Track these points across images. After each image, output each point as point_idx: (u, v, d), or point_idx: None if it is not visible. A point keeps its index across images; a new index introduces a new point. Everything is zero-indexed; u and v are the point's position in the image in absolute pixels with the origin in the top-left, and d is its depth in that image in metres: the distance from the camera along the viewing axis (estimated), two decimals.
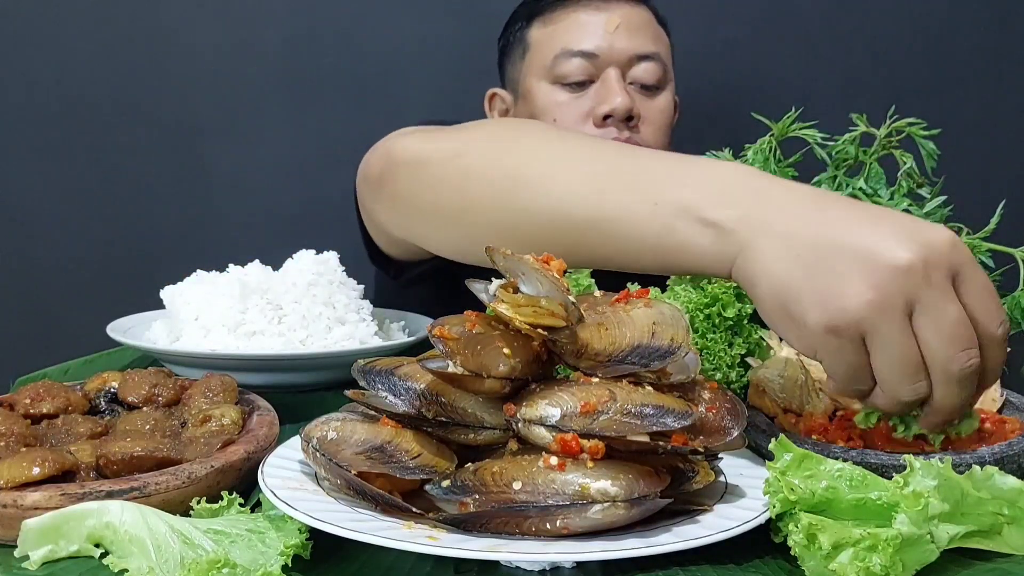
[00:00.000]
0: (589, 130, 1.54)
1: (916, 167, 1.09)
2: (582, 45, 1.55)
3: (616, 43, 1.54)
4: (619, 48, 1.54)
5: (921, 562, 0.67)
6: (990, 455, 0.77)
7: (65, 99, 2.02)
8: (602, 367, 0.75)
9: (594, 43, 1.54)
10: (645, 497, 0.68)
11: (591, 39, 1.55)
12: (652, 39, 1.58)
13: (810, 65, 2.01)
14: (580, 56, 1.54)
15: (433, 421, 0.75)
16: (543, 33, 1.60)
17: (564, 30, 1.57)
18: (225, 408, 0.89)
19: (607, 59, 1.54)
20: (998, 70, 2.01)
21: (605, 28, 1.55)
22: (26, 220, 2.05)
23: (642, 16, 1.59)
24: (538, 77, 1.59)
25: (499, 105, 1.72)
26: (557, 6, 1.60)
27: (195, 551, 0.68)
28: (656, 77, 1.57)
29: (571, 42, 1.55)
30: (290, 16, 2.02)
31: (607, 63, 1.54)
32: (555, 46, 1.57)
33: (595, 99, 1.54)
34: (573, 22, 1.57)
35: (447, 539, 0.67)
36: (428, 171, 1.08)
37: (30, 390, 0.90)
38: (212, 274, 1.27)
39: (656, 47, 1.58)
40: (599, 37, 1.55)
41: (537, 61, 1.60)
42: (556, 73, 1.56)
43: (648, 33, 1.58)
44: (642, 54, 1.56)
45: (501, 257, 0.79)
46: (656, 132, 1.58)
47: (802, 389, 0.91)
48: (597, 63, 1.55)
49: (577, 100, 1.55)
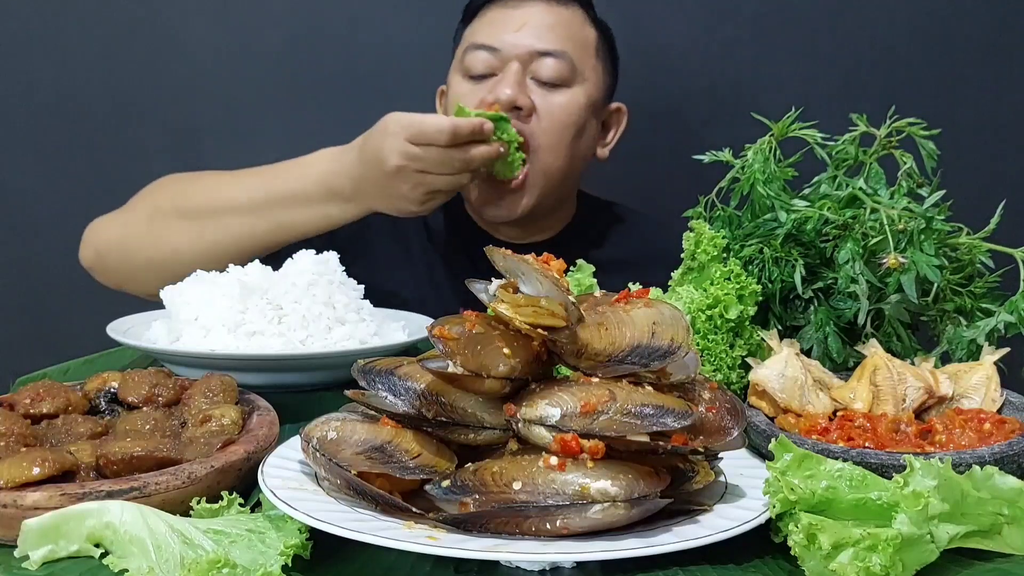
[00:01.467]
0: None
1: (916, 167, 1.10)
2: (488, 40, 1.60)
3: (519, 40, 1.59)
4: (520, 43, 1.58)
5: (921, 562, 0.67)
6: (990, 455, 0.77)
7: (65, 99, 2.02)
8: (602, 367, 0.75)
9: (497, 38, 1.59)
10: (645, 497, 0.68)
11: (496, 35, 1.60)
12: (561, 38, 1.60)
13: (810, 65, 2.00)
14: (483, 49, 1.60)
15: (433, 421, 0.75)
16: (468, 31, 1.67)
17: (480, 27, 1.63)
18: (225, 408, 0.89)
19: (508, 54, 1.58)
20: (998, 70, 2.01)
21: (512, 26, 1.60)
22: (26, 220, 2.05)
23: (558, 16, 1.62)
24: (454, 70, 1.65)
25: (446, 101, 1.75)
26: (485, 6, 1.65)
27: (195, 551, 0.68)
28: (558, 74, 1.59)
29: (481, 37, 1.61)
30: (290, 16, 2.01)
31: (509, 58, 1.58)
32: (467, 41, 1.64)
33: (489, 88, 1.58)
34: (489, 20, 1.63)
35: (447, 539, 0.67)
36: (129, 245, 1.57)
37: (30, 390, 0.90)
38: (212, 274, 1.26)
39: (564, 45, 1.60)
40: (505, 33, 1.60)
41: (457, 56, 1.66)
42: (465, 65, 1.62)
43: (558, 32, 1.61)
44: (544, 50, 1.58)
45: (501, 257, 0.79)
46: (552, 125, 1.58)
47: (802, 389, 0.91)
48: (500, 56, 1.59)
49: (475, 89, 1.60)
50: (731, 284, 1.02)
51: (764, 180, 1.11)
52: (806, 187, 1.15)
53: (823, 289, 1.07)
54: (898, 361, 0.94)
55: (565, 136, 1.60)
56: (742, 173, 1.13)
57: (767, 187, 1.10)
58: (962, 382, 0.94)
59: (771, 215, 1.10)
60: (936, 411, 0.92)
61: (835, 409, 0.92)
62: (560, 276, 0.77)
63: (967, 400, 0.92)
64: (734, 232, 1.12)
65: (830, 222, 1.08)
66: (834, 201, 1.09)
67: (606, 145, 1.74)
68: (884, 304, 1.04)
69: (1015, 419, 0.86)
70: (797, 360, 0.94)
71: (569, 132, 1.60)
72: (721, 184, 1.16)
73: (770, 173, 1.11)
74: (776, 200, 1.09)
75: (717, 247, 1.05)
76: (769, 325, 1.07)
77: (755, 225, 1.11)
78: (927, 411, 0.93)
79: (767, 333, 1.01)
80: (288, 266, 1.26)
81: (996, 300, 1.04)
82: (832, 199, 1.09)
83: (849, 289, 1.02)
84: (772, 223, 1.09)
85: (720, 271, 1.03)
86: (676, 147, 1.97)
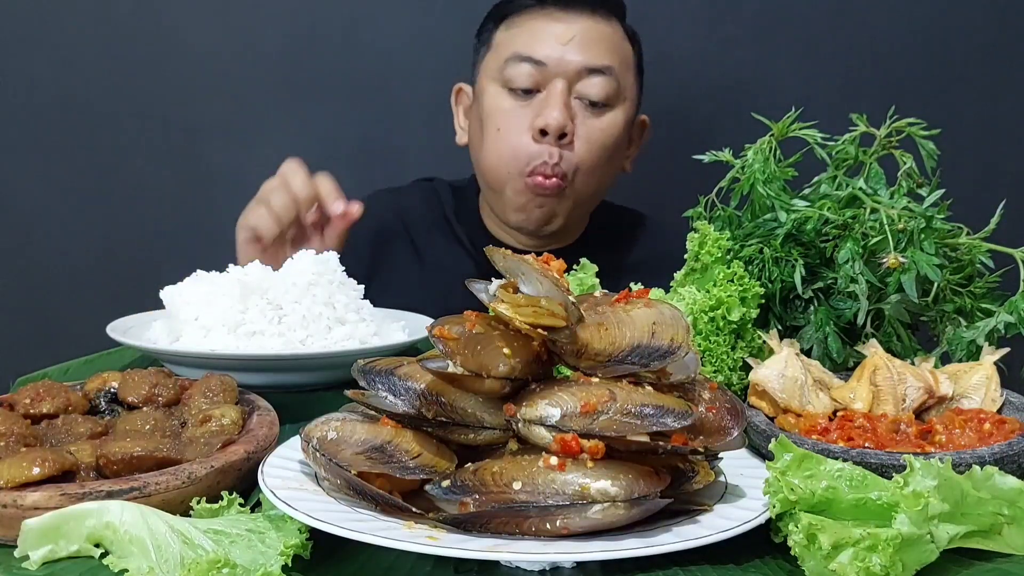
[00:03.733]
0: (527, 142, 1.55)
1: (916, 167, 1.10)
2: (532, 52, 1.55)
3: (567, 54, 1.54)
4: (569, 59, 1.54)
5: (921, 562, 0.67)
6: (990, 455, 0.77)
7: (65, 99, 2.02)
8: (602, 367, 0.75)
9: (544, 51, 1.55)
10: (645, 497, 0.68)
11: (543, 47, 1.55)
12: (608, 52, 1.57)
13: (810, 65, 2.00)
14: (529, 62, 1.55)
15: (433, 421, 0.75)
16: (505, 36, 1.62)
17: (521, 35, 1.58)
18: (225, 408, 0.89)
19: (555, 69, 1.55)
20: (998, 70, 2.01)
21: (559, 39, 1.55)
22: (26, 220, 2.05)
23: (602, 30, 1.59)
24: (490, 78, 1.61)
25: (464, 101, 1.74)
26: (523, 11, 1.60)
27: (195, 551, 0.68)
28: (605, 92, 1.56)
29: (523, 47, 1.57)
30: (290, 16, 2.01)
31: (555, 74, 1.55)
32: (510, 49, 1.58)
33: (536, 110, 1.55)
34: (531, 28, 1.58)
35: (447, 539, 0.67)
36: None
37: (30, 390, 0.90)
38: (212, 274, 1.26)
39: (610, 61, 1.57)
40: (551, 46, 1.55)
41: (492, 62, 1.62)
42: (505, 76, 1.57)
43: (604, 47, 1.57)
44: (592, 67, 1.55)
45: (501, 257, 0.79)
46: (591, 150, 1.57)
47: (802, 389, 0.91)
48: (545, 72, 1.55)
49: (521, 109, 1.56)
50: (734, 286, 1.02)
51: (764, 180, 1.11)
52: (806, 187, 1.15)
53: (823, 289, 1.07)
54: (898, 361, 0.94)
55: (602, 159, 1.59)
56: (742, 173, 1.13)
57: (767, 187, 1.10)
58: (962, 382, 0.94)
59: (771, 215, 1.10)
60: (936, 411, 0.92)
61: (835, 409, 0.92)
62: (560, 276, 0.77)
63: (967, 400, 0.92)
64: (734, 232, 1.12)
65: (830, 222, 1.08)
66: (834, 201, 1.09)
67: (628, 157, 1.72)
68: (884, 304, 1.04)
69: (1015, 419, 0.86)
70: (797, 360, 0.94)
71: (606, 154, 1.60)
72: (721, 184, 1.16)
73: (770, 173, 1.11)
74: (776, 200, 1.09)
75: (721, 249, 1.05)
76: (769, 325, 1.07)
77: (755, 225, 1.11)
78: (927, 411, 0.93)
79: (767, 333, 1.01)
80: (288, 266, 1.26)
81: (996, 300, 1.04)
82: (832, 199, 1.09)
83: (849, 289, 1.02)
84: (772, 223, 1.09)
85: (724, 273, 1.03)
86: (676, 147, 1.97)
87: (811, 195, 1.12)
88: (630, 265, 1.63)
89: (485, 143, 1.61)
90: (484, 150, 1.61)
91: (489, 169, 1.61)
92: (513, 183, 1.58)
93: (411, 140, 2.00)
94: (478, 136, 1.64)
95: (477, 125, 1.64)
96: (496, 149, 1.59)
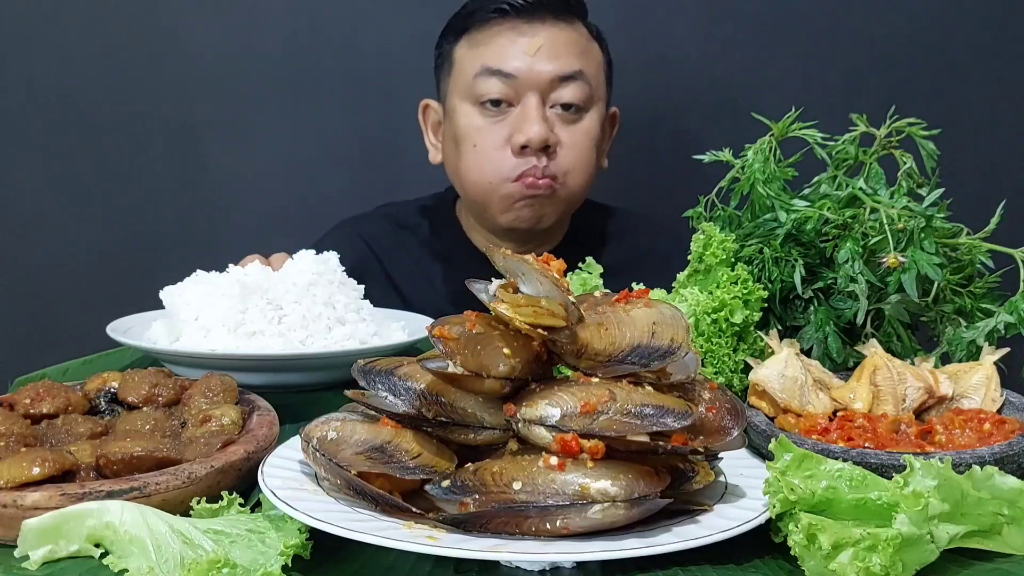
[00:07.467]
0: (508, 158, 1.54)
1: (916, 167, 1.10)
2: (501, 65, 1.54)
3: (536, 65, 1.53)
4: (539, 70, 1.53)
5: (921, 562, 0.67)
6: (990, 455, 0.77)
7: (65, 99, 2.02)
8: (602, 367, 0.75)
9: (513, 64, 1.53)
10: (645, 497, 0.68)
11: (511, 60, 1.54)
12: (576, 57, 1.56)
13: (810, 65, 2.00)
14: (498, 76, 1.54)
15: (433, 421, 0.75)
16: (467, 52, 1.59)
17: (487, 50, 1.56)
18: (225, 408, 0.89)
19: (527, 82, 1.53)
20: (998, 70, 2.01)
21: (526, 50, 1.53)
22: (26, 220, 2.05)
23: (568, 35, 1.57)
24: (460, 97, 1.59)
25: (432, 116, 1.71)
26: (483, 25, 1.58)
27: (195, 551, 0.68)
28: (579, 97, 1.55)
29: (491, 61, 1.55)
30: (290, 16, 2.01)
31: (527, 87, 1.53)
32: (476, 64, 1.56)
33: (513, 126, 1.53)
34: (496, 42, 1.56)
35: (447, 539, 0.67)
36: None
37: (30, 390, 0.90)
38: (212, 274, 1.26)
39: (580, 65, 1.56)
40: (519, 58, 1.53)
41: (460, 80, 1.59)
42: (476, 92, 1.55)
43: (572, 52, 1.56)
44: (564, 75, 1.54)
45: (501, 257, 0.79)
46: (578, 156, 1.57)
47: (802, 389, 0.91)
48: (516, 85, 1.53)
49: (496, 126, 1.55)
50: (737, 288, 1.02)
51: (764, 180, 1.11)
52: (806, 187, 1.15)
53: (823, 289, 1.07)
54: (898, 361, 0.94)
55: (587, 160, 1.59)
56: (742, 173, 1.13)
57: (767, 187, 1.10)
58: (962, 382, 0.94)
59: (771, 215, 1.10)
60: (936, 411, 0.92)
61: (835, 409, 0.92)
62: (560, 276, 0.77)
63: (967, 400, 0.92)
64: (734, 232, 1.12)
65: (830, 222, 1.08)
66: (834, 201, 1.09)
67: (602, 152, 1.71)
68: (884, 304, 1.04)
69: (1015, 419, 0.86)
70: (797, 360, 0.94)
71: (590, 156, 1.60)
72: (721, 184, 1.16)
73: (770, 173, 1.11)
74: (776, 200, 1.09)
75: (726, 250, 1.05)
76: (769, 325, 1.07)
77: (755, 225, 1.11)
78: (927, 411, 0.93)
79: (767, 333, 1.01)
80: (288, 266, 1.26)
81: (996, 300, 1.04)
82: (832, 199, 1.09)
83: (849, 289, 1.02)
84: (772, 223, 1.09)
85: (727, 275, 1.03)
86: (676, 147, 1.98)
87: (811, 195, 1.12)
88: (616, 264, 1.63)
89: (463, 161, 1.59)
90: (463, 167, 1.60)
91: (472, 184, 1.60)
92: (500, 189, 1.56)
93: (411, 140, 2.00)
94: (453, 154, 1.62)
95: (452, 144, 1.62)
96: (477, 165, 1.57)
